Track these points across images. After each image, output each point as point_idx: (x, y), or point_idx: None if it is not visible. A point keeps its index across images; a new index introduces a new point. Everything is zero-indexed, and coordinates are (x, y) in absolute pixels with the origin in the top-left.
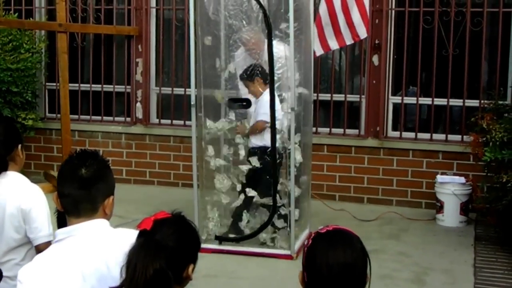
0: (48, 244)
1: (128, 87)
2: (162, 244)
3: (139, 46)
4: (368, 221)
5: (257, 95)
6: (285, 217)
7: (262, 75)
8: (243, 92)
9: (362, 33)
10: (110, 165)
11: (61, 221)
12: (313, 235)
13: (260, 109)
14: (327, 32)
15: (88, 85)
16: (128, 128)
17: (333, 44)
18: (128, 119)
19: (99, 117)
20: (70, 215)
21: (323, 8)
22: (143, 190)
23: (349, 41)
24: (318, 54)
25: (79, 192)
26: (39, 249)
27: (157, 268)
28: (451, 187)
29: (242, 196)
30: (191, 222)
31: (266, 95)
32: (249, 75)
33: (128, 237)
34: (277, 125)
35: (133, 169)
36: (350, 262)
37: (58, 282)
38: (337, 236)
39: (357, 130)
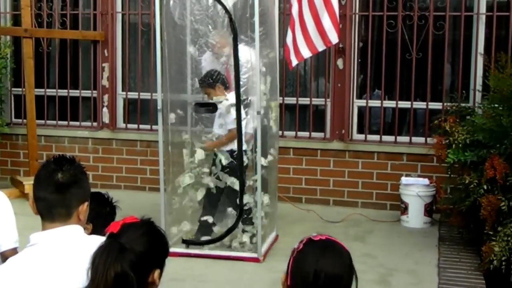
0: (14, 250)
1: (94, 92)
2: (127, 247)
3: (105, 51)
4: (334, 222)
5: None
6: (252, 220)
7: (222, 81)
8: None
9: (334, 38)
10: (86, 171)
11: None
12: (305, 240)
13: (228, 119)
14: (299, 40)
15: (54, 90)
16: (94, 133)
17: (306, 52)
18: (95, 124)
19: (65, 122)
20: (44, 219)
21: (295, 10)
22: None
23: (321, 47)
24: (294, 64)
25: (54, 196)
26: (5, 256)
27: (119, 271)
28: (415, 189)
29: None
30: (160, 228)
31: (228, 101)
32: (210, 82)
33: None
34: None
35: (99, 173)
36: (338, 275)
37: (28, 286)
38: (329, 246)
39: (323, 133)
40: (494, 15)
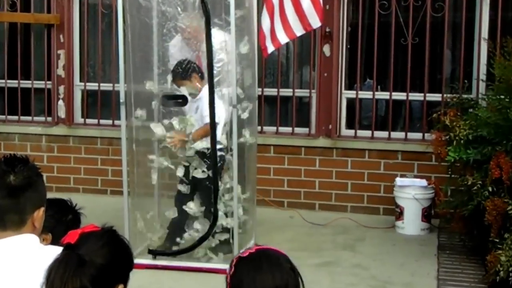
0: None
1: (48, 82)
2: (86, 259)
3: (61, 36)
4: (320, 225)
5: (195, 94)
6: (227, 228)
7: (198, 70)
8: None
9: (315, 22)
10: (41, 172)
11: None
12: (235, 261)
13: (207, 112)
14: (276, 24)
15: (3, 81)
16: (49, 129)
17: (282, 37)
18: (49, 119)
19: (15, 117)
20: None
21: None
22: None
23: (299, 32)
24: (270, 51)
25: (6, 201)
26: None
27: (77, 287)
28: (411, 191)
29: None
30: (123, 238)
31: (206, 92)
32: (183, 73)
33: None
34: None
35: (55, 175)
36: (281, 286)
37: None
38: (262, 259)
39: (307, 129)
40: None
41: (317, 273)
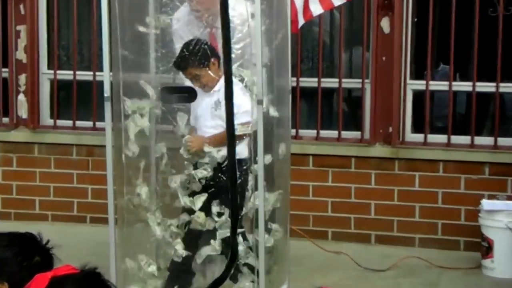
0: None
1: (4, 70)
2: None
3: (21, 7)
4: (379, 271)
5: (212, 85)
6: (251, 267)
7: (215, 53)
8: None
9: None
10: None
11: None
12: None
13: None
14: None
15: None
16: (5, 133)
17: (316, 8)
18: (6, 120)
19: None
20: None
21: None
22: (30, 230)
23: (339, 1)
24: (300, 24)
25: None
26: None
27: None
28: (504, 218)
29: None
30: (109, 283)
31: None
32: (196, 59)
33: None
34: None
35: (14, 197)
36: None
37: None
38: None
39: (359, 133)
40: None
41: None
